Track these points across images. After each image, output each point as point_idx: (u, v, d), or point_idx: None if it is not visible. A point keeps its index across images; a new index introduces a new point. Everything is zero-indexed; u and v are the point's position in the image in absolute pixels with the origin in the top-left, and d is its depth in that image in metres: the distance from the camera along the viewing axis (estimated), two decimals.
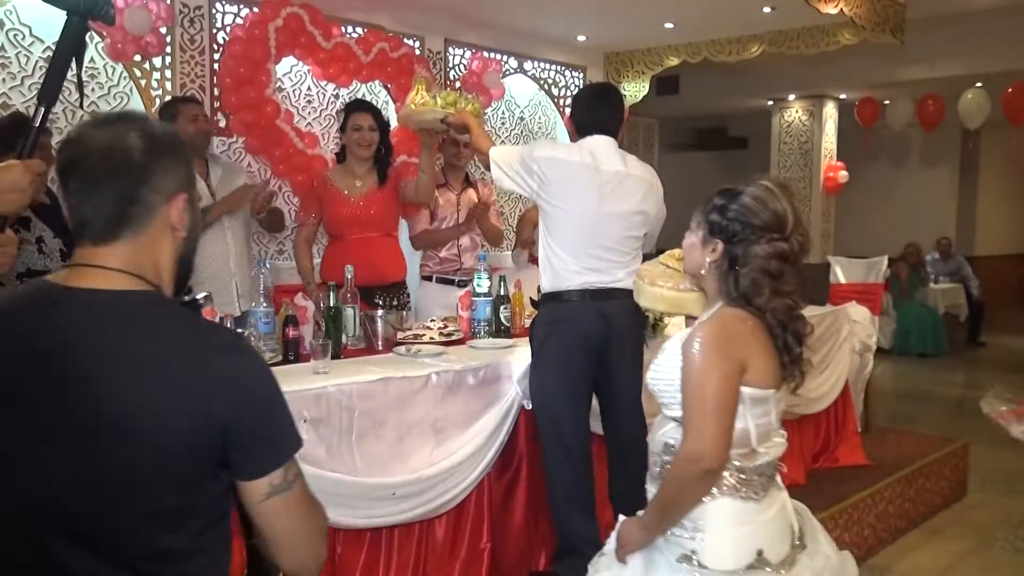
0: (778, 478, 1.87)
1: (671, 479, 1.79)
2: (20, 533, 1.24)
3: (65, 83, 2.06)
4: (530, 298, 3.58)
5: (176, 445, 1.21)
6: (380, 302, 3.69)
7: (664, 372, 1.84)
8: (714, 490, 1.77)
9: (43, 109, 1.98)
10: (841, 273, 7.86)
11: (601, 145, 2.99)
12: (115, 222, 1.28)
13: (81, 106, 4.07)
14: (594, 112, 3.06)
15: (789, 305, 1.76)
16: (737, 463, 1.77)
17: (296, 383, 2.46)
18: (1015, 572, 3.76)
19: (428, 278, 4.27)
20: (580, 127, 3.07)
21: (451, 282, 4.18)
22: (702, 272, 1.84)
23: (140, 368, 1.21)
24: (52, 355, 1.23)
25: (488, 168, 3.08)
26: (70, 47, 1.99)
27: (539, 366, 2.96)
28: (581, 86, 7.24)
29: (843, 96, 10.31)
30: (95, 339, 1.23)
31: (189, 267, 1.41)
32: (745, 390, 1.73)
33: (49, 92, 2.01)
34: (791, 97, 10.40)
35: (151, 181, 1.29)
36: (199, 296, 1.53)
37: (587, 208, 2.93)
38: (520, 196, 4.49)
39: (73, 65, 2.03)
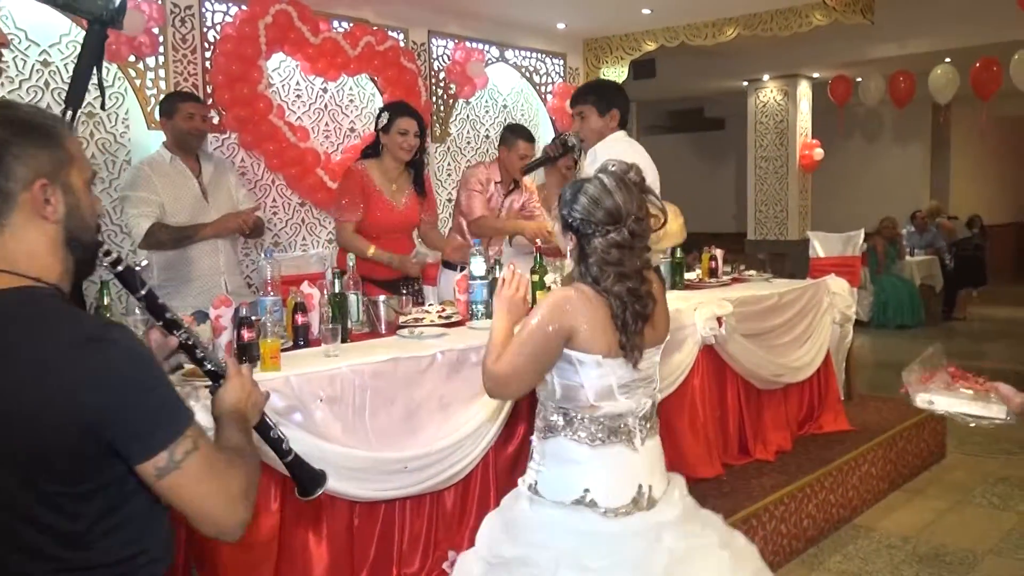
0: (636, 441, 2.06)
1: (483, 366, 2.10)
2: None
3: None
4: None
5: (55, 440, 1.21)
6: (405, 291, 3.89)
7: None
8: (557, 428, 2.06)
9: (70, 113, 2.11)
10: (820, 247, 8.07)
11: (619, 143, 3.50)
12: None
13: (103, 107, 4.20)
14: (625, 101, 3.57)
15: (630, 288, 2.01)
16: (575, 413, 2.04)
17: (311, 365, 2.60)
18: (992, 525, 3.93)
19: (452, 266, 4.41)
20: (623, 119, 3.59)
21: None
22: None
23: (9, 368, 1.21)
24: None
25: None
26: (93, 53, 2.12)
27: None
28: (562, 73, 7.37)
29: (816, 75, 10.49)
30: None
31: (89, 249, 1.37)
32: (572, 353, 2.00)
33: (75, 96, 2.14)
34: (765, 77, 10.55)
35: (6, 170, 1.24)
36: (136, 264, 1.54)
37: None
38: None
39: (95, 69, 2.16)
